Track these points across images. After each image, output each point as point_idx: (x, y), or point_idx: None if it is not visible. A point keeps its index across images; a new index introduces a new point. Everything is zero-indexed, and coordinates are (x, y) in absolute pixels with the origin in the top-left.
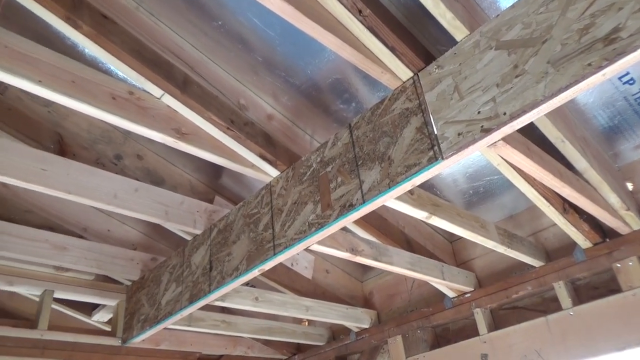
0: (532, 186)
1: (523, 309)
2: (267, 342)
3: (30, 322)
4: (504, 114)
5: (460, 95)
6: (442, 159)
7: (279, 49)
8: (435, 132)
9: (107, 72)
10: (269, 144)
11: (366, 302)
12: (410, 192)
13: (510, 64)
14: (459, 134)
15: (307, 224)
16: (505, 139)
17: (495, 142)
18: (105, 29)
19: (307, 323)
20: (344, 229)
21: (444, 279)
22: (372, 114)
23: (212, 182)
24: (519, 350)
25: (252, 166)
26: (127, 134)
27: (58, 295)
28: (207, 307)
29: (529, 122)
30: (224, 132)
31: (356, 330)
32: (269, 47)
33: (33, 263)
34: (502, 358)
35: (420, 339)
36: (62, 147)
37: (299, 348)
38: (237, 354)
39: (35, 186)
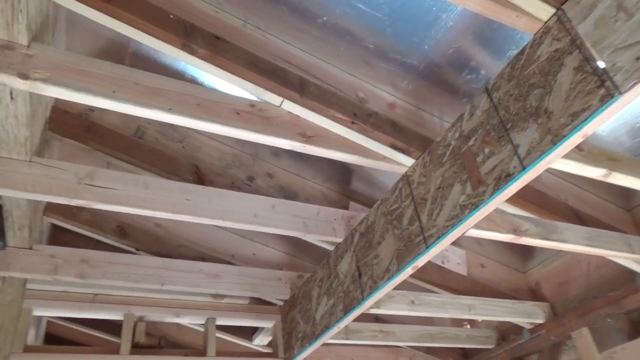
0: None
1: None
2: (429, 350)
3: (199, 351)
4: None
5: (627, 13)
6: (620, 93)
7: (389, 30)
8: (602, 66)
9: None
10: (397, 132)
11: (534, 295)
12: (579, 147)
13: None
14: (637, 59)
15: (458, 207)
16: None
17: None
18: (218, 48)
19: (469, 325)
20: (498, 209)
21: (633, 253)
22: (512, 68)
23: (344, 189)
24: None
25: (384, 158)
26: (255, 155)
27: (220, 322)
28: (362, 318)
29: None
30: (348, 127)
31: (529, 327)
32: (379, 31)
33: (192, 294)
34: None
35: (612, 328)
36: (199, 176)
37: (465, 354)
38: None
39: (183, 216)
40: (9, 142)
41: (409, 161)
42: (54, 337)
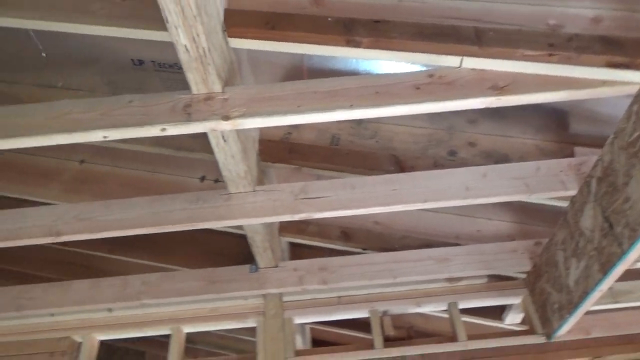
0: None
1: None
2: None
3: (450, 337)
4: None
5: None
6: None
7: None
8: None
9: None
10: (612, 47)
11: None
12: None
13: None
14: None
15: None
16: None
17: None
18: (380, 31)
19: None
20: None
21: None
22: None
23: (561, 135)
24: None
25: (604, 83)
26: (450, 128)
27: (462, 305)
28: (629, 276)
29: None
30: (546, 61)
31: None
32: None
33: (427, 281)
34: None
35: None
36: (400, 165)
37: None
38: None
39: (395, 206)
40: (234, 179)
41: (638, 77)
42: (318, 341)
